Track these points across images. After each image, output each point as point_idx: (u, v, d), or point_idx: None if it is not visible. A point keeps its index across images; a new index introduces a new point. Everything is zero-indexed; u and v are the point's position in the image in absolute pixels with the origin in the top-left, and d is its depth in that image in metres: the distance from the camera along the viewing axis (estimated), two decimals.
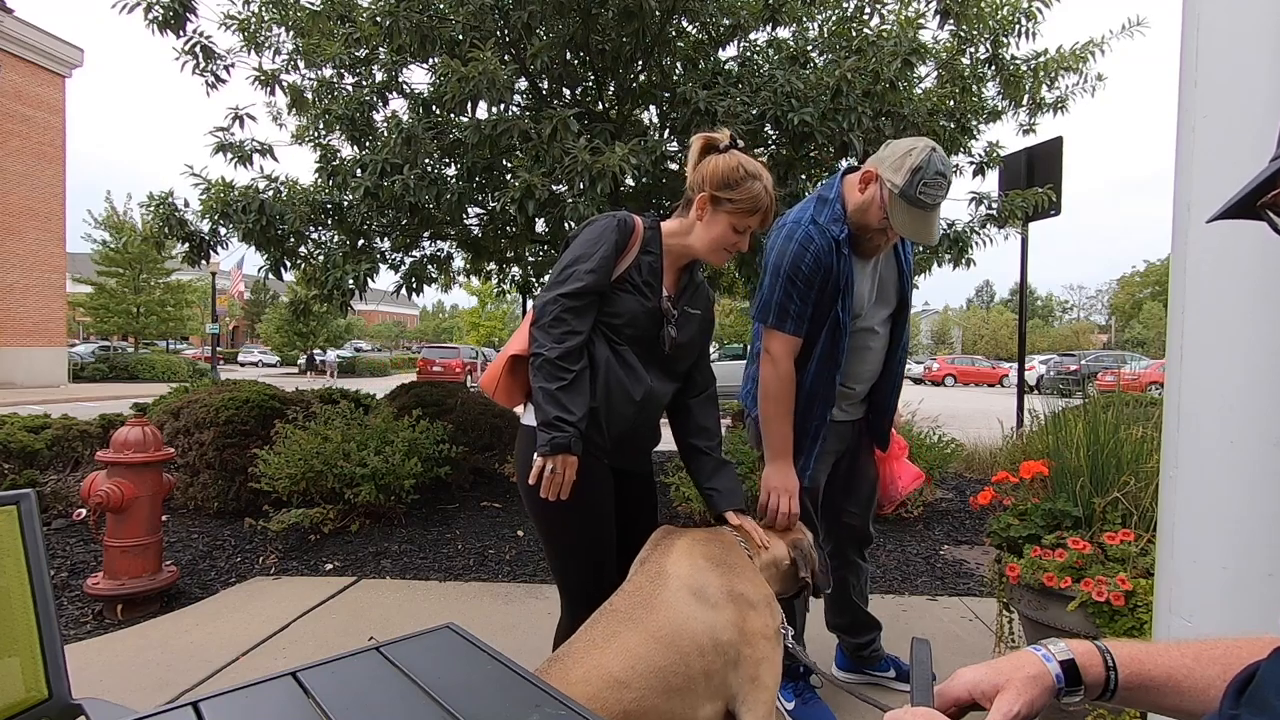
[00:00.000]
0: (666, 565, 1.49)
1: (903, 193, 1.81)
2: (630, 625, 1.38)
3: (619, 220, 1.73)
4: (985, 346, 50.02)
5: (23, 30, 18.47)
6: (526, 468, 1.65)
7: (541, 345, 1.63)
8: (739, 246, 1.77)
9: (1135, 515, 2.12)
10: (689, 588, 1.45)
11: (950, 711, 0.74)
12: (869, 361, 2.14)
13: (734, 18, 4.42)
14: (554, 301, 1.64)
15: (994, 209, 4.84)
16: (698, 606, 1.43)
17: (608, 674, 1.31)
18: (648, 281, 1.74)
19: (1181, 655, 0.70)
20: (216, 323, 23.12)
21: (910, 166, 1.80)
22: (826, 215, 1.94)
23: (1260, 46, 1.20)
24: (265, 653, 2.70)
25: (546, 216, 4.31)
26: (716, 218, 1.73)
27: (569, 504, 1.60)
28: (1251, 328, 1.21)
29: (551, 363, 1.60)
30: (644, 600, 1.43)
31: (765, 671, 1.46)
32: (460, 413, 5.42)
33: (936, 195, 1.81)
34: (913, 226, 1.84)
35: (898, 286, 2.15)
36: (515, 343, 1.75)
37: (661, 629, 1.38)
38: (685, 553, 1.52)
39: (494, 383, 1.76)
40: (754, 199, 1.70)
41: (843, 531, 2.36)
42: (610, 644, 1.36)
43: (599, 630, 1.40)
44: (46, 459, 4.82)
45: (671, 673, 1.35)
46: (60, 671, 1.18)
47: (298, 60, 4.81)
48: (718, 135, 1.76)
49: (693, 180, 1.76)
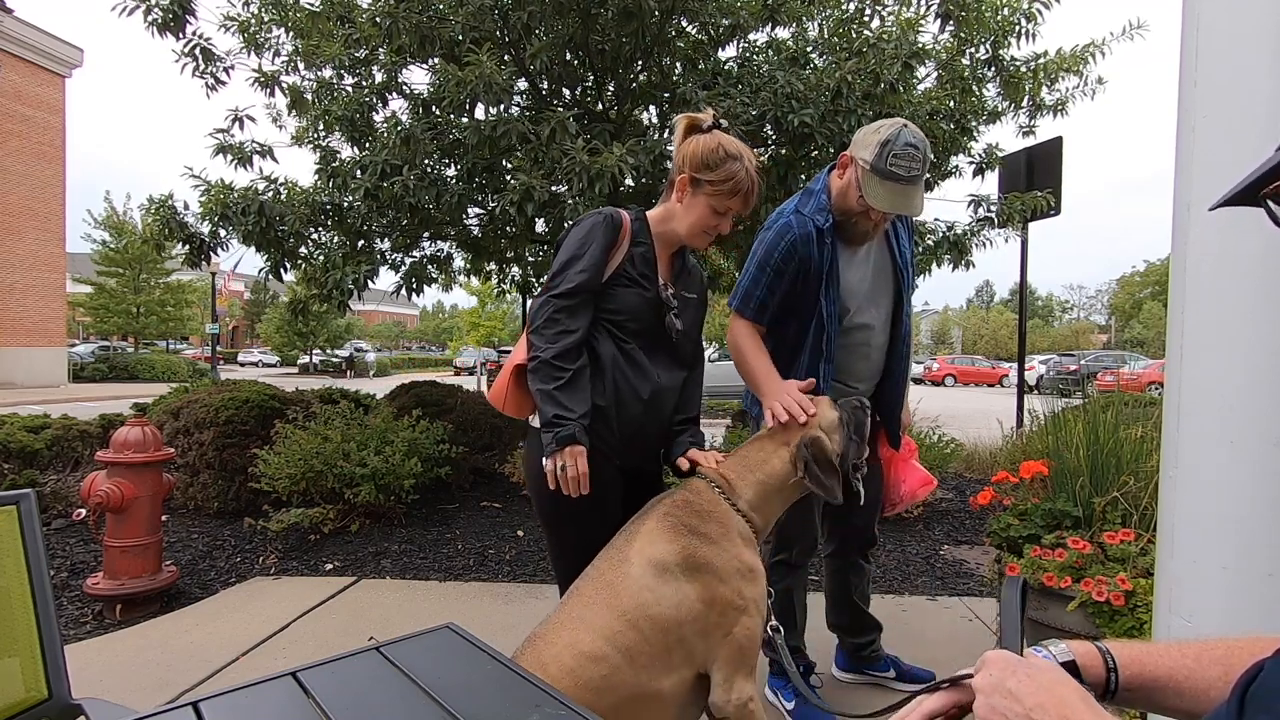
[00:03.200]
0: (631, 550, 1.48)
1: (874, 167, 1.83)
2: (598, 607, 1.41)
3: (605, 216, 1.73)
4: (985, 346, 50.02)
5: (23, 30, 18.48)
6: (535, 470, 1.66)
7: (537, 348, 1.62)
8: (720, 229, 1.76)
9: (1135, 515, 2.12)
10: (652, 568, 1.44)
11: (951, 713, 0.74)
12: (870, 359, 2.13)
13: (733, 18, 4.42)
14: (546, 304, 1.64)
15: (993, 211, 4.84)
16: (661, 585, 1.43)
17: (579, 651, 1.35)
18: (644, 273, 1.73)
19: (1182, 656, 0.70)
20: (216, 323, 23.11)
21: (879, 141, 1.82)
22: (811, 206, 1.97)
23: (1260, 46, 1.20)
24: (265, 653, 2.70)
25: (546, 217, 4.32)
26: (696, 199, 1.72)
27: (577, 506, 1.60)
28: (1251, 327, 1.21)
29: (547, 363, 1.60)
30: (609, 583, 1.44)
31: (739, 637, 1.46)
32: (460, 413, 5.42)
33: (910, 167, 1.81)
34: (889, 199, 1.84)
35: (894, 281, 2.13)
36: (518, 353, 1.74)
37: (627, 609, 1.40)
38: (651, 533, 1.50)
39: (502, 396, 1.76)
40: (733, 180, 1.67)
41: (847, 533, 2.36)
42: (580, 624, 1.39)
43: (569, 612, 1.43)
44: (46, 459, 4.83)
45: (638, 650, 1.38)
46: (60, 671, 1.18)
47: (297, 61, 4.81)
48: (701, 116, 1.74)
49: (675, 162, 1.76)
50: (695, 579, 1.45)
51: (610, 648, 1.36)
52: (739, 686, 1.46)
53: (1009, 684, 0.62)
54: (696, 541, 1.48)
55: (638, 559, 1.45)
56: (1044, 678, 0.61)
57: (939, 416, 7.02)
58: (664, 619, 1.41)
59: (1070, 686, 0.60)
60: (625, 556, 1.47)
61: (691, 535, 1.48)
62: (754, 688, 1.49)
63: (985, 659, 0.67)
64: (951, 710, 0.74)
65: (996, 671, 0.64)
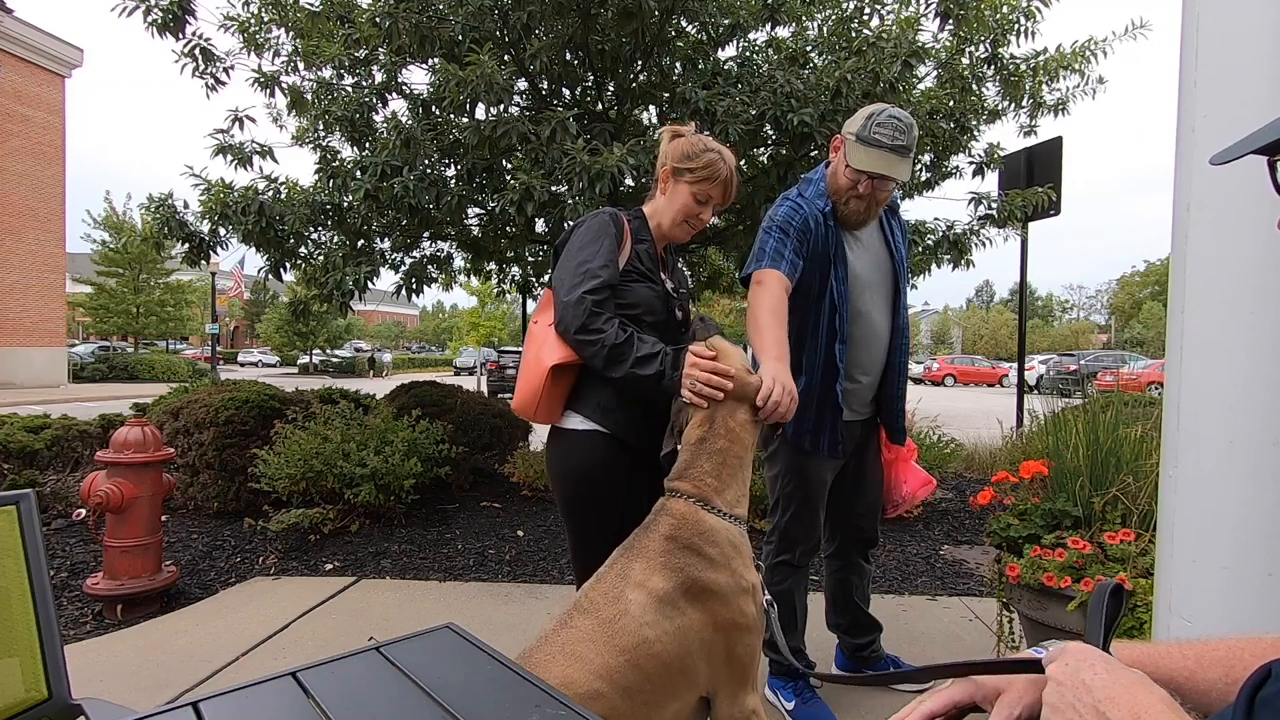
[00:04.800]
0: (627, 586, 1.38)
1: (859, 136, 1.95)
2: (596, 644, 1.32)
3: (611, 215, 1.80)
4: (985, 346, 50.04)
5: (22, 30, 18.48)
6: (561, 468, 1.74)
7: (595, 339, 1.62)
8: (701, 217, 1.83)
9: (1135, 515, 2.12)
10: (654, 602, 1.36)
11: (950, 713, 0.74)
12: (873, 351, 2.17)
13: (733, 17, 4.42)
14: (580, 301, 1.63)
15: (993, 209, 4.84)
16: (664, 619, 1.35)
17: (574, 692, 1.25)
18: (650, 268, 1.81)
19: (1183, 657, 0.70)
20: (216, 323, 23.11)
21: (865, 114, 1.97)
22: (811, 191, 2.10)
23: (1260, 46, 1.20)
24: (265, 653, 2.70)
25: (546, 217, 4.31)
26: (678, 189, 1.81)
27: (601, 493, 1.67)
28: (1251, 328, 1.21)
29: (615, 346, 1.61)
30: (606, 620, 1.34)
31: (741, 655, 1.43)
32: (460, 413, 5.42)
33: (893, 135, 1.92)
34: (870, 161, 1.93)
35: (891, 273, 2.19)
36: (549, 354, 1.69)
37: (627, 647, 1.32)
38: (647, 569, 1.41)
39: (534, 401, 1.70)
40: (711, 167, 1.76)
41: (849, 533, 2.37)
42: (575, 660, 1.29)
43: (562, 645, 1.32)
44: (46, 459, 4.83)
45: (638, 688, 1.31)
46: (60, 672, 1.18)
47: (297, 62, 4.80)
48: (683, 128, 1.87)
49: (659, 163, 1.86)
50: (699, 605, 1.39)
51: (608, 686, 1.28)
52: (743, 700, 1.43)
53: (1083, 675, 0.60)
54: (696, 566, 1.41)
55: (636, 594, 1.37)
56: (1124, 676, 0.59)
57: (939, 416, 7.02)
58: (668, 654, 1.34)
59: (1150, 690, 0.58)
60: (621, 593, 1.37)
61: (689, 562, 1.41)
62: (758, 698, 1.47)
63: (1066, 648, 0.65)
64: (951, 710, 0.74)
65: (1074, 662, 0.62)
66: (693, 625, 1.37)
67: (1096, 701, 0.58)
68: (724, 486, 1.52)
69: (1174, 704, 0.57)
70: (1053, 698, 0.62)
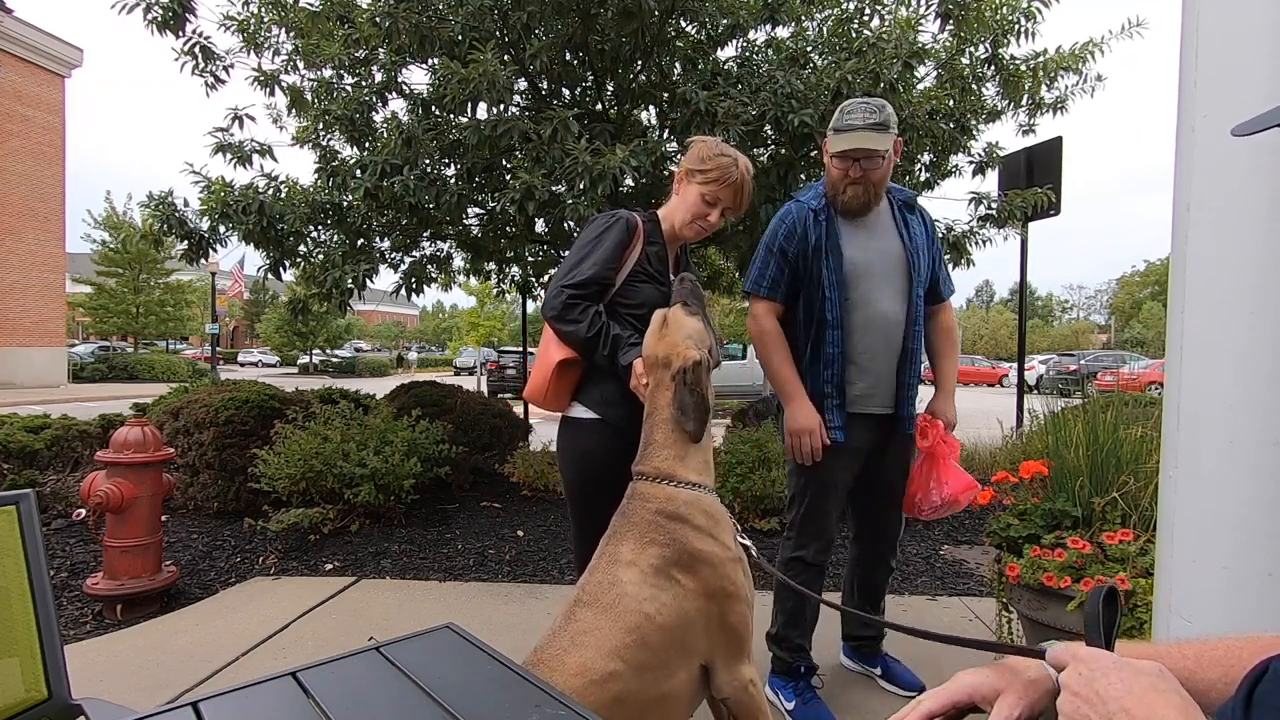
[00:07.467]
0: (619, 570, 1.45)
1: (834, 128, 2.11)
2: (603, 630, 1.38)
3: (622, 219, 1.89)
4: (985, 346, 50.03)
5: (22, 30, 18.47)
6: (570, 454, 1.87)
7: (570, 329, 1.80)
8: (711, 220, 1.92)
9: (1135, 515, 2.12)
10: (649, 577, 1.43)
11: (950, 714, 0.74)
12: (889, 338, 2.17)
13: (733, 17, 4.42)
14: (559, 292, 1.81)
15: (993, 209, 4.84)
16: (661, 591, 1.43)
17: (590, 676, 1.33)
18: (658, 270, 1.91)
19: (1182, 658, 0.70)
20: (216, 323, 23.10)
21: (838, 110, 2.13)
22: (809, 194, 2.24)
23: (1260, 46, 1.20)
24: (265, 653, 2.70)
25: (546, 217, 4.31)
26: (690, 190, 1.91)
27: (602, 479, 1.76)
28: (1251, 328, 1.21)
29: (587, 339, 1.79)
30: (608, 605, 1.41)
31: (734, 623, 1.50)
32: (460, 413, 5.42)
33: (864, 116, 2.04)
34: (847, 142, 2.06)
35: (905, 266, 2.19)
36: (557, 349, 1.85)
37: (633, 625, 1.39)
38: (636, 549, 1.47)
39: (543, 390, 1.88)
40: (722, 170, 1.86)
41: (871, 531, 2.37)
42: (587, 646, 1.36)
43: (572, 637, 1.39)
44: (46, 459, 4.82)
45: (647, 662, 1.39)
46: (60, 672, 1.18)
47: (297, 61, 4.80)
48: (708, 138, 1.99)
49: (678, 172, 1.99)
50: (689, 574, 1.46)
51: (621, 664, 1.36)
52: (740, 670, 1.50)
53: (1098, 685, 0.59)
54: (681, 536, 1.47)
55: (629, 573, 1.44)
56: (1139, 683, 0.58)
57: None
58: (670, 625, 1.42)
59: (1165, 697, 0.57)
60: (615, 577, 1.44)
61: (673, 533, 1.47)
62: (754, 670, 1.53)
63: (1078, 654, 0.64)
64: (950, 711, 0.74)
65: (1087, 670, 0.61)
66: (687, 594, 1.45)
67: (1112, 714, 0.57)
68: (683, 454, 1.56)
69: (1189, 711, 0.56)
70: (1068, 708, 0.61)
